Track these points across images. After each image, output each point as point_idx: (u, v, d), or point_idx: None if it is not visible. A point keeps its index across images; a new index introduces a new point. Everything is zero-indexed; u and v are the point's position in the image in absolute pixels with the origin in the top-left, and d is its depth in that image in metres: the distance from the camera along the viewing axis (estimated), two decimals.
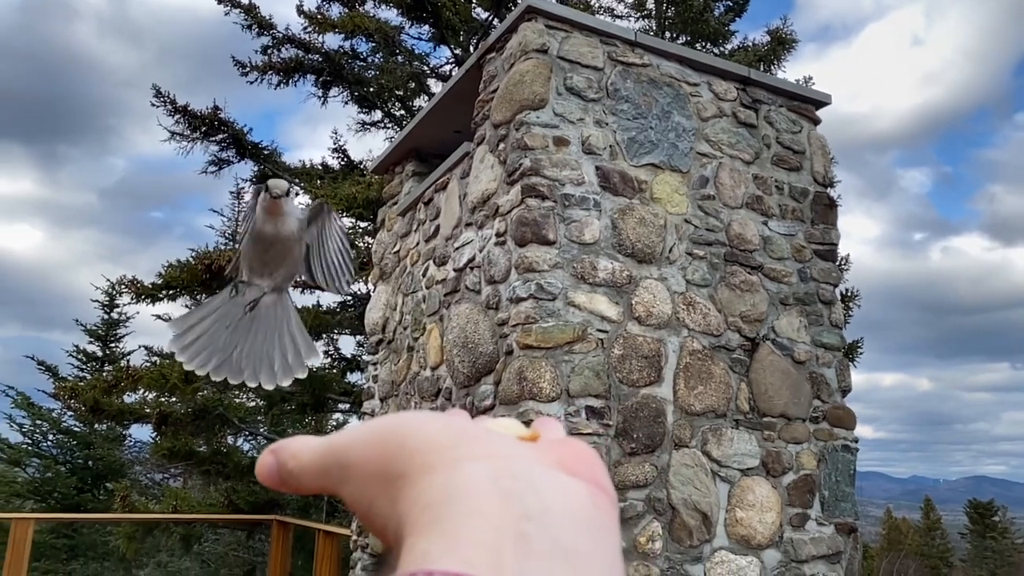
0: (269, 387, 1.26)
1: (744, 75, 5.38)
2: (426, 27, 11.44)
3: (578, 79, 4.81)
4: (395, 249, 6.49)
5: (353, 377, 11.62)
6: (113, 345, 16.74)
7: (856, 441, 5.19)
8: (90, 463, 15.15)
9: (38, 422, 15.25)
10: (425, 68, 11.59)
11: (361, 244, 10.63)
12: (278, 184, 1.27)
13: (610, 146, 4.81)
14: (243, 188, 14.93)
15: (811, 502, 4.90)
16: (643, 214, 4.78)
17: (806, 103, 5.66)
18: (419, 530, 0.28)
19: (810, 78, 11.85)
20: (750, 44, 11.96)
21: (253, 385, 1.27)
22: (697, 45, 11.58)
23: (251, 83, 10.89)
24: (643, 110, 4.96)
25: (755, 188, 5.24)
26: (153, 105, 10.79)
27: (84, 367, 16.35)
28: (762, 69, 10.91)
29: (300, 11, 10.88)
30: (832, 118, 6.36)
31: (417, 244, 6.05)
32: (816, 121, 5.68)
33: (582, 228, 4.58)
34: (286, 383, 1.27)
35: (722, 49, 11.89)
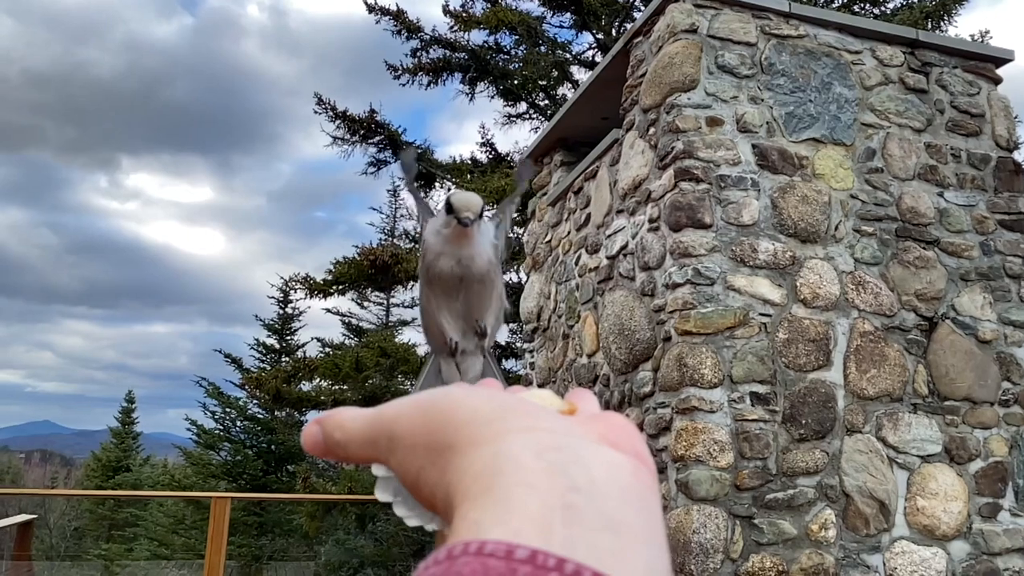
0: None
1: (911, 38, 5.05)
2: (567, 14, 11.45)
3: (730, 56, 4.68)
4: (547, 239, 6.58)
5: (507, 364, 11.89)
6: (289, 338, 17.99)
7: None
8: (273, 447, 16.38)
9: (227, 410, 16.67)
10: (567, 56, 11.61)
11: (512, 235, 10.84)
12: (468, 202, 0.90)
13: (767, 123, 4.65)
14: (399, 186, 15.55)
15: (1003, 491, 4.56)
16: (805, 191, 4.60)
17: (984, 62, 5.22)
18: (469, 500, 0.29)
19: (987, 32, 10.85)
20: (915, 0, 11.12)
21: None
22: (855, 7, 10.90)
23: (403, 85, 11.33)
24: (801, 83, 4.76)
25: (928, 157, 4.91)
26: (316, 112, 11.47)
27: (264, 359, 17.68)
28: (930, 27, 10.12)
29: (446, 11, 11.19)
30: (1016, 72, 5.83)
31: (568, 233, 6.11)
32: (997, 80, 5.23)
33: (740, 209, 4.47)
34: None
35: (883, 9, 11.12)
